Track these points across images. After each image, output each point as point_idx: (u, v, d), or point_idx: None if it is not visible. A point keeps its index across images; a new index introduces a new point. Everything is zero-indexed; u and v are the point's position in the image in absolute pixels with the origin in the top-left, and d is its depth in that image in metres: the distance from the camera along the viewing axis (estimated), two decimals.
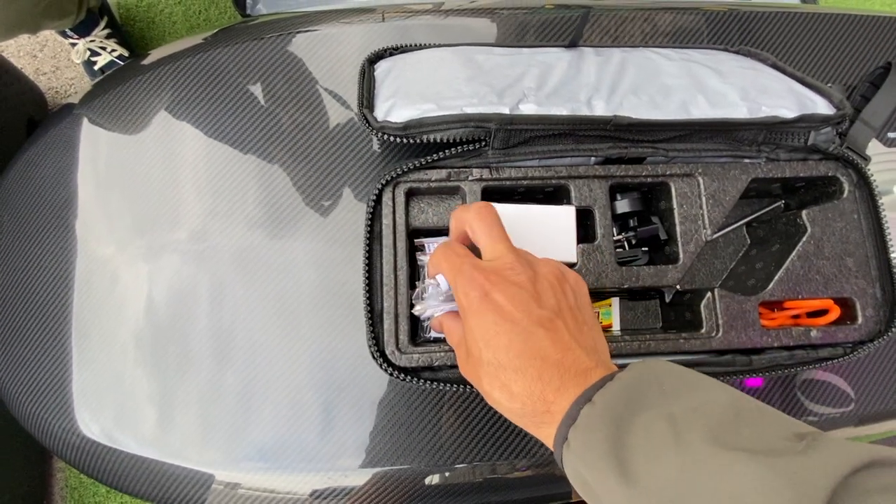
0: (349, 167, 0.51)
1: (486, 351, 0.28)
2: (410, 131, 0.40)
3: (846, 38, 0.58)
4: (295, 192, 0.51)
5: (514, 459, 0.47)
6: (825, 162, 0.43)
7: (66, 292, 0.52)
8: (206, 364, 0.49)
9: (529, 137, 0.41)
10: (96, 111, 0.56)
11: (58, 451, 0.51)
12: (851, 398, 0.50)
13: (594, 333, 0.30)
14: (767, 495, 0.20)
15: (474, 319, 0.29)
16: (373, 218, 0.40)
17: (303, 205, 0.51)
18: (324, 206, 0.50)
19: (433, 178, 0.41)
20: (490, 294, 0.29)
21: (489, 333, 0.28)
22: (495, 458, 0.47)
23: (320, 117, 0.52)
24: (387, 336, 0.39)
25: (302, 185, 0.51)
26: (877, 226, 0.42)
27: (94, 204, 0.53)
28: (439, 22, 0.55)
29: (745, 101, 0.43)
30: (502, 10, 0.56)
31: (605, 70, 0.46)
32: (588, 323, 0.30)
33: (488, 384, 0.28)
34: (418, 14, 0.56)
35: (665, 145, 0.42)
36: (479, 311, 0.29)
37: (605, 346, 0.31)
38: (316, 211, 0.50)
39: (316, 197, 0.50)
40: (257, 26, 0.57)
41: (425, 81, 0.43)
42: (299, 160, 0.51)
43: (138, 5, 1.17)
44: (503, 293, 0.28)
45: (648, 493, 0.22)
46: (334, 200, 0.50)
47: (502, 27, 0.56)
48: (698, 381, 0.26)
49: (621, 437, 0.24)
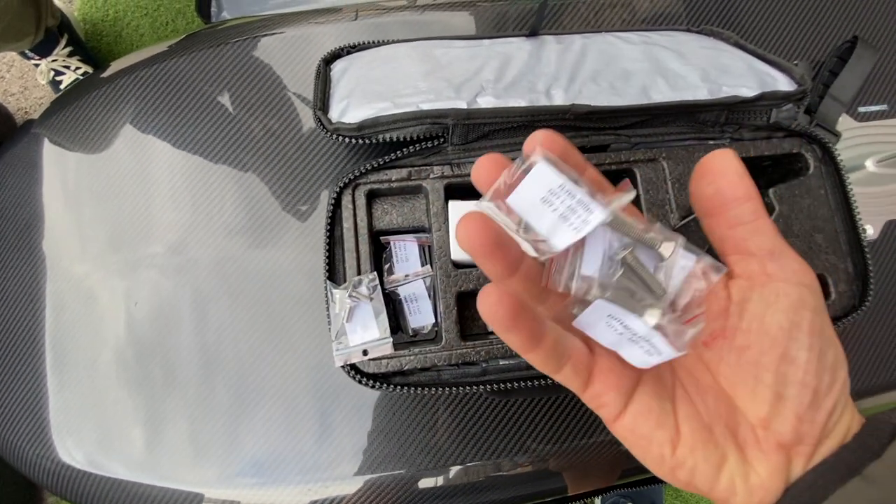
0: (324, 169, 0.50)
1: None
2: (365, 131, 0.39)
3: (821, 13, 0.57)
4: (272, 198, 0.50)
5: (510, 457, 0.47)
6: (789, 139, 0.43)
7: (37, 314, 0.51)
8: (194, 379, 0.48)
9: (489, 131, 0.40)
10: (56, 128, 0.54)
11: (37, 478, 0.50)
12: None
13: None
14: None
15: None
16: (332, 222, 0.40)
17: (280, 211, 0.50)
18: (301, 211, 0.50)
19: (393, 177, 0.40)
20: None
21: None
22: (491, 457, 0.47)
23: (292, 121, 0.51)
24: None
25: (278, 192, 0.50)
26: (844, 201, 0.42)
27: (63, 222, 0.52)
28: (416, 18, 0.54)
29: (706, 82, 0.42)
30: (480, 2, 0.56)
31: (565, 58, 0.45)
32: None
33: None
34: (393, 11, 0.55)
35: (627, 131, 0.42)
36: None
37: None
38: (294, 216, 0.50)
39: (293, 202, 0.50)
40: (224, 31, 0.56)
41: (381, 79, 0.43)
42: (273, 166, 0.50)
43: (104, 20, 1.15)
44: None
45: None
46: (311, 204, 0.50)
47: (481, 20, 0.55)
48: None
49: None
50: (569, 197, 0.19)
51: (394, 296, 0.43)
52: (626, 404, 0.22)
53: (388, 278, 0.42)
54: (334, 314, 0.38)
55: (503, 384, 0.38)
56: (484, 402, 0.47)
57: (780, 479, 0.21)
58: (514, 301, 0.19)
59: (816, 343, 0.20)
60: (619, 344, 0.20)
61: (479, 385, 0.38)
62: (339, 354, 0.37)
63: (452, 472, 0.47)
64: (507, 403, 0.47)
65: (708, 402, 0.22)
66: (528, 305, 0.20)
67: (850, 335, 0.50)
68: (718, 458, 0.21)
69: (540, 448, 0.47)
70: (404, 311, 0.42)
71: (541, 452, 0.47)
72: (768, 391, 0.21)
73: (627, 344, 0.20)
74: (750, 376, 0.21)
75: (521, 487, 0.48)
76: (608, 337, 0.20)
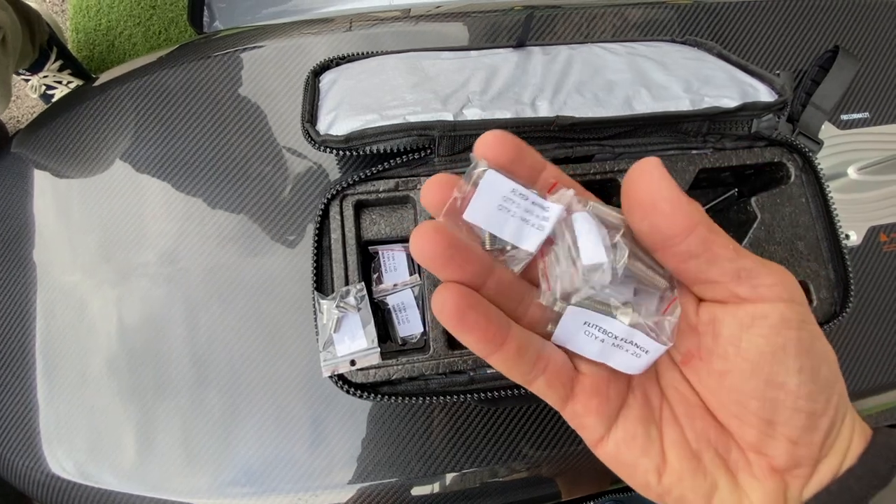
0: (325, 174, 0.50)
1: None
2: (353, 143, 0.39)
3: (809, 23, 0.59)
4: (264, 206, 0.50)
5: (505, 463, 0.47)
6: (770, 148, 0.43)
7: (27, 324, 0.51)
8: (185, 388, 0.48)
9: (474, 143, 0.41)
10: (46, 139, 0.55)
11: (27, 490, 0.50)
12: None
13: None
14: None
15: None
16: (321, 233, 0.40)
17: (273, 219, 0.50)
18: (293, 220, 0.50)
19: (381, 188, 0.41)
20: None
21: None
22: (486, 464, 0.47)
23: (284, 132, 0.51)
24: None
25: (270, 199, 0.50)
26: (824, 208, 0.43)
27: (54, 231, 0.52)
28: (410, 28, 0.55)
29: (688, 92, 0.43)
30: (473, 13, 0.56)
31: (551, 69, 0.46)
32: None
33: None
34: (387, 21, 0.55)
35: (611, 142, 0.42)
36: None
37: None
38: (287, 223, 0.50)
39: (286, 210, 0.50)
40: (218, 41, 0.56)
41: (369, 91, 0.43)
42: (265, 175, 0.51)
43: (96, 29, 1.15)
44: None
45: None
46: (307, 213, 0.50)
47: (474, 30, 0.55)
48: None
49: None
50: (523, 199, 0.19)
51: (382, 305, 0.43)
52: (609, 429, 0.21)
53: (376, 287, 0.43)
54: (322, 325, 0.38)
55: (490, 392, 0.39)
56: (477, 409, 0.47)
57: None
58: (464, 295, 0.18)
59: (807, 364, 0.19)
60: (604, 353, 0.20)
61: (467, 394, 0.39)
62: (326, 365, 0.37)
63: (447, 479, 0.47)
64: (500, 410, 0.47)
65: (696, 425, 0.21)
66: (484, 303, 0.19)
67: (840, 340, 0.50)
68: (708, 488, 0.20)
69: (533, 454, 0.47)
70: (393, 320, 0.43)
71: (534, 458, 0.47)
72: (755, 418, 0.19)
73: (612, 351, 0.20)
74: (733, 402, 0.20)
75: (515, 493, 0.49)
76: (591, 347, 0.20)
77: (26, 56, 0.91)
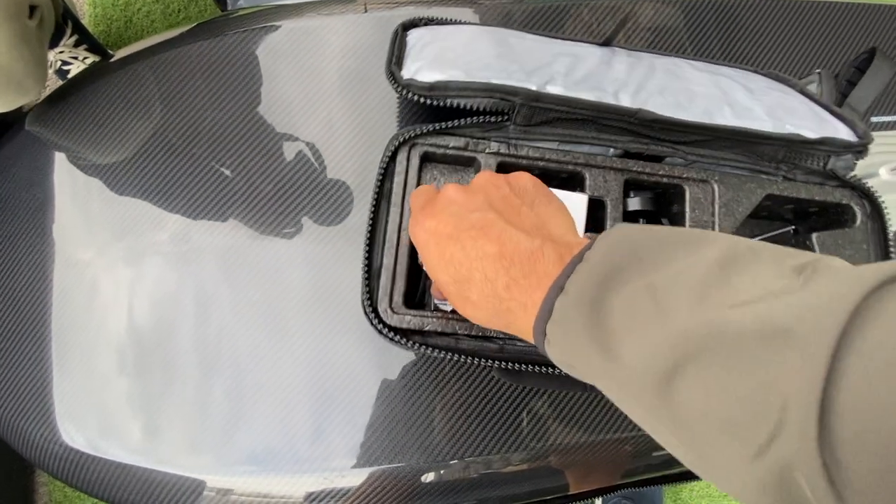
0: (340, 158, 0.49)
1: (441, 274, 0.29)
2: (435, 93, 0.39)
3: (824, 25, 0.58)
4: (281, 187, 0.50)
5: (509, 453, 0.46)
6: (841, 189, 0.43)
7: (45, 297, 0.50)
8: (194, 367, 0.47)
9: (552, 118, 0.41)
10: (63, 115, 0.54)
11: (40, 462, 0.49)
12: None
13: (539, 211, 0.30)
14: (767, 352, 0.18)
15: (424, 254, 0.30)
16: (384, 175, 0.40)
17: (289, 201, 0.49)
18: (313, 203, 0.49)
19: (450, 144, 0.41)
20: (424, 224, 0.30)
21: (434, 259, 0.29)
22: (491, 453, 0.46)
23: (306, 108, 0.50)
24: (381, 293, 0.39)
25: (288, 180, 0.50)
26: (885, 258, 0.42)
27: (71, 207, 0.52)
28: (423, 12, 0.53)
29: (771, 117, 0.43)
30: (483, 1, 0.55)
31: (635, 70, 0.46)
32: (529, 203, 0.30)
33: (458, 305, 0.29)
34: (402, 5, 0.54)
35: (685, 148, 0.42)
36: (423, 245, 0.30)
37: (561, 220, 0.30)
38: (304, 207, 0.50)
39: (303, 192, 0.49)
40: (237, 20, 0.55)
41: (456, 51, 0.43)
42: (284, 155, 0.50)
43: (115, 4, 1.11)
44: (435, 218, 0.29)
45: (631, 367, 0.21)
46: (324, 195, 0.49)
47: (486, 17, 0.55)
48: (682, 240, 0.23)
49: (600, 321, 0.22)
50: None
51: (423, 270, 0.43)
52: None
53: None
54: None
55: (516, 364, 0.38)
56: (487, 396, 0.47)
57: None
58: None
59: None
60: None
61: (494, 360, 0.38)
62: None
63: (453, 468, 0.46)
64: (512, 398, 0.47)
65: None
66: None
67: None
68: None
69: (540, 445, 0.47)
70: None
71: (541, 449, 0.47)
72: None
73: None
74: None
75: (521, 485, 0.48)
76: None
77: (49, 28, 0.88)
